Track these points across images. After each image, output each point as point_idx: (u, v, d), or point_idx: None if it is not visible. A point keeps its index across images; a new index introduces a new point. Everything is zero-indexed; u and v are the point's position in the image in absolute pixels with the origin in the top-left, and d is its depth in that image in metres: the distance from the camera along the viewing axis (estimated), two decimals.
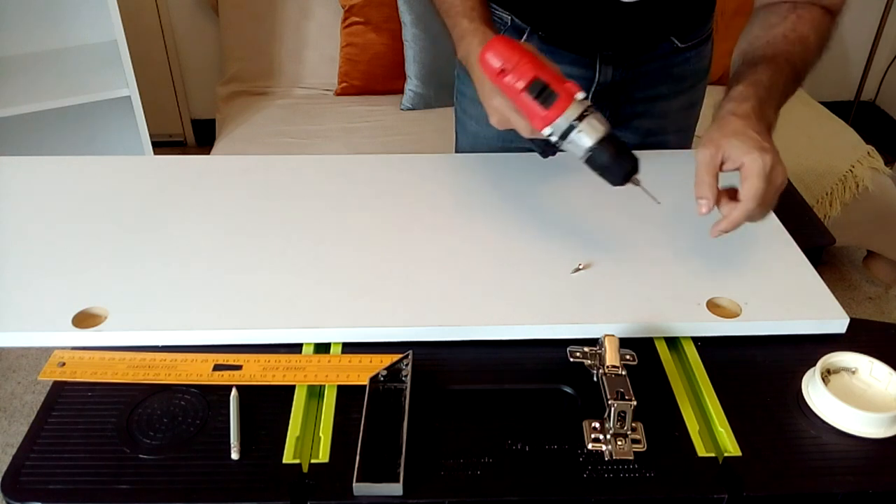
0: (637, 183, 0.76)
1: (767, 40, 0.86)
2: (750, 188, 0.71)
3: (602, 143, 0.73)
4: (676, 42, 1.02)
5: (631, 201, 0.93)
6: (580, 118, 0.73)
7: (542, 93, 0.73)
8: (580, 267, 0.81)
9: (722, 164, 0.74)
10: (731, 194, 0.75)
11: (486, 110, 0.81)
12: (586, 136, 0.73)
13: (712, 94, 0.97)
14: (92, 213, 0.89)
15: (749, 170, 0.71)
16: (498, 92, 0.78)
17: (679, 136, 1.14)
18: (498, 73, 0.75)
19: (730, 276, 0.79)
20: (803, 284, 0.80)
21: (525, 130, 0.78)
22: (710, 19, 1.06)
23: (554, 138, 0.75)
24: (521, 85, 0.74)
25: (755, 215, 0.74)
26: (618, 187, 0.76)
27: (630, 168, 0.75)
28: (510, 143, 1.03)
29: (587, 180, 0.81)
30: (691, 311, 0.76)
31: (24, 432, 0.64)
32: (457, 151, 1.18)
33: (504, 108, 0.78)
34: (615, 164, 0.74)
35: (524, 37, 1.01)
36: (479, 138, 1.11)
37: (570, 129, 0.74)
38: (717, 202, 0.74)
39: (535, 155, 1.04)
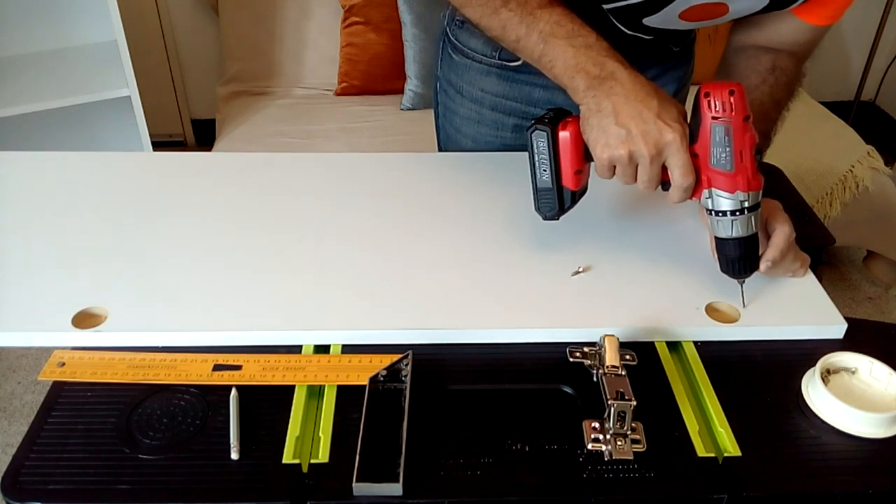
0: (742, 282, 0.77)
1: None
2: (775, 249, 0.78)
3: (749, 239, 0.74)
4: (673, 48, 1.03)
5: (630, 206, 0.93)
6: (759, 204, 0.72)
7: (760, 160, 0.72)
8: (580, 269, 0.81)
9: None
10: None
11: (636, 140, 0.70)
12: (741, 226, 0.73)
13: None
14: (91, 212, 0.89)
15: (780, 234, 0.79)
16: (684, 127, 0.71)
17: None
18: (745, 116, 0.69)
19: (729, 280, 0.79)
20: (801, 289, 0.80)
21: (688, 176, 0.71)
22: None
23: (718, 206, 0.72)
24: (753, 140, 0.70)
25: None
26: (610, 190, 0.76)
27: (753, 270, 0.76)
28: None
29: (588, 186, 0.81)
30: (690, 316, 0.76)
31: (24, 432, 0.64)
32: None
33: (681, 146, 0.70)
34: (744, 262, 0.75)
35: (521, 61, 0.99)
36: None
37: (737, 211, 0.72)
38: None
39: None
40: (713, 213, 0.73)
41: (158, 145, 2.45)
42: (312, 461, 0.62)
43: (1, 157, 1.00)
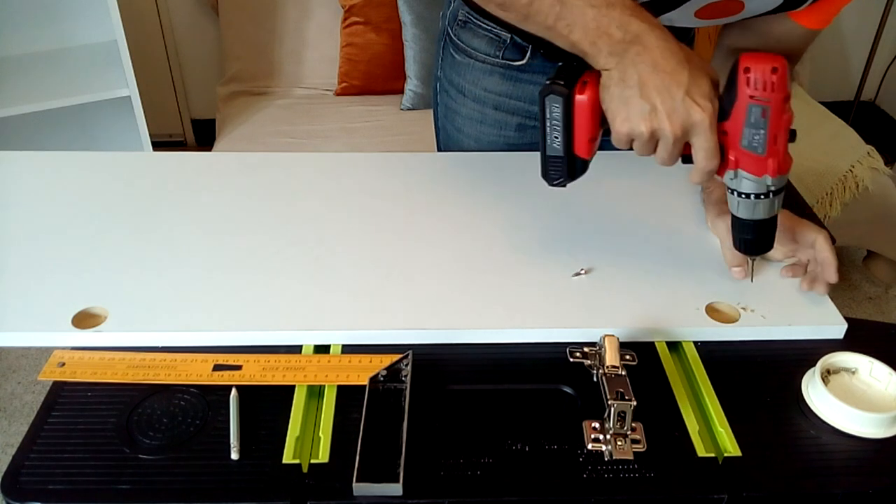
0: (753, 260, 0.76)
1: None
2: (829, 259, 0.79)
3: (769, 221, 0.71)
4: None
5: (631, 205, 0.93)
6: (780, 191, 0.69)
7: (791, 140, 0.67)
8: (581, 272, 0.81)
9: None
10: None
11: (660, 117, 0.66)
12: (764, 209, 0.69)
13: None
14: (92, 212, 0.89)
15: (823, 244, 0.80)
16: (715, 105, 0.66)
17: None
18: (785, 97, 0.64)
19: (729, 280, 0.79)
20: (802, 289, 0.80)
21: (712, 160, 0.67)
22: None
23: (742, 188, 0.69)
24: (790, 121, 0.65)
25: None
26: (614, 185, 0.76)
27: (768, 249, 0.74)
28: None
29: (588, 182, 0.81)
30: (690, 316, 0.76)
31: (24, 432, 0.64)
32: None
33: (709, 127, 0.65)
34: (761, 241, 0.73)
35: (527, 55, 0.99)
36: None
37: (762, 194, 0.68)
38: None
39: (537, 155, 1.04)
40: (736, 192, 0.70)
41: (158, 145, 2.45)
42: (312, 461, 0.62)
43: (1, 157, 1.00)
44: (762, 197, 0.68)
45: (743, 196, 0.69)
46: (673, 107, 0.65)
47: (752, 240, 0.73)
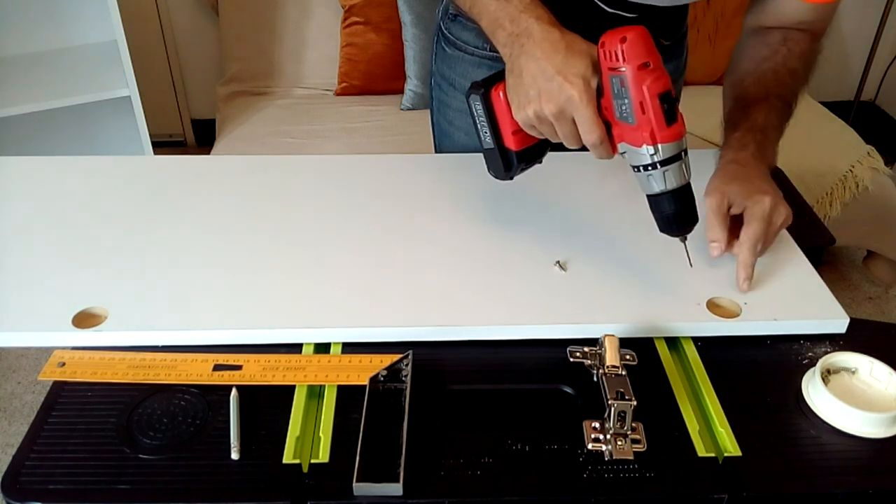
0: (684, 240, 0.74)
1: (757, 77, 0.89)
2: (750, 231, 0.77)
3: (680, 191, 0.69)
4: (662, 41, 1.03)
5: (631, 201, 0.93)
6: (680, 156, 0.68)
7: (670, 108, 0.66)
8: (559, 262, 0.81)
9: (729, 207, 0.79)
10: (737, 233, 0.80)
11: (540, 99, 0.69)
12: (656, 182, 0.68)
13: (714, 95, 0.97)
14: (92, 213, 0.89)
15: (750, 214, 0.77)
16: (587, 81, 0.67)
17: None
18: (642, 64, 0.64)
19: (730, 275, 0.79)
20: (803, 284, 0.80)
21: (591, 133, 0.68)
22: (687, 15, 1.07)
23: (631, 161, 0.69)
24: (657, 88, 0.65)
25: (758, 252, 0.79)
26: (610, 181, 0.76)
27: (689, 226, 0.72)
28: None
29: (587, 180, 0.81)
30: (691, 311, 0.76)
31: (24, 432, 0.64)
32: None
33: (580, 101, 0.67)
34: (680, 218, 0.71)
35: None
36: (470, 150, 1.10)
37: (649, 166, 0.68)
38: (729, 245, 0.80)
39: None
40: (632, 167, 0.70)
41: (158, 145, 2.45)
42: (312, 461, 0.62)
43: (1, 162, 1.00)
44: (650, 168, 0.68)
45: (635, 169, 0.70)
46: (548, 87, 0.68)
47: (660, 215, 0.71)
